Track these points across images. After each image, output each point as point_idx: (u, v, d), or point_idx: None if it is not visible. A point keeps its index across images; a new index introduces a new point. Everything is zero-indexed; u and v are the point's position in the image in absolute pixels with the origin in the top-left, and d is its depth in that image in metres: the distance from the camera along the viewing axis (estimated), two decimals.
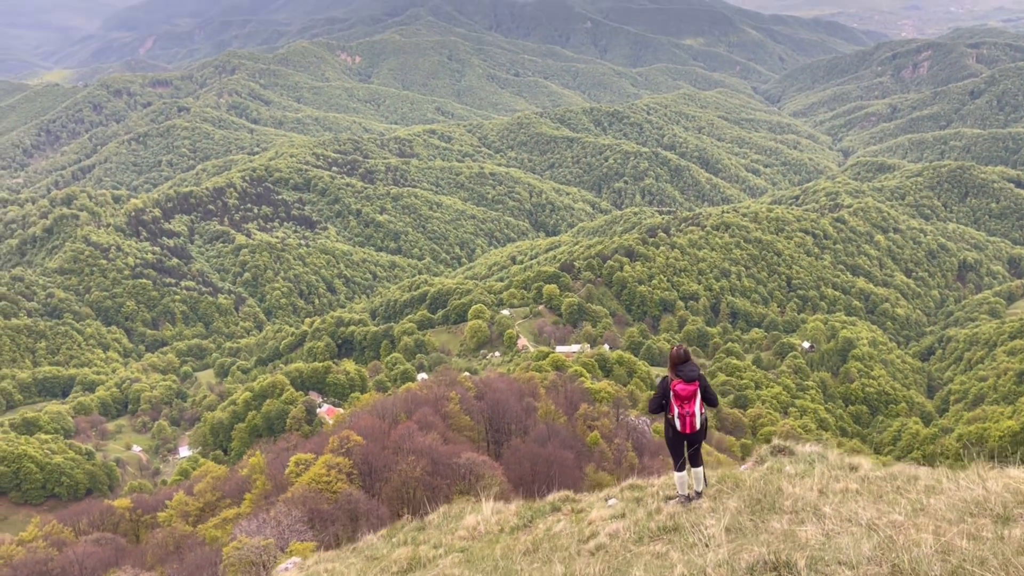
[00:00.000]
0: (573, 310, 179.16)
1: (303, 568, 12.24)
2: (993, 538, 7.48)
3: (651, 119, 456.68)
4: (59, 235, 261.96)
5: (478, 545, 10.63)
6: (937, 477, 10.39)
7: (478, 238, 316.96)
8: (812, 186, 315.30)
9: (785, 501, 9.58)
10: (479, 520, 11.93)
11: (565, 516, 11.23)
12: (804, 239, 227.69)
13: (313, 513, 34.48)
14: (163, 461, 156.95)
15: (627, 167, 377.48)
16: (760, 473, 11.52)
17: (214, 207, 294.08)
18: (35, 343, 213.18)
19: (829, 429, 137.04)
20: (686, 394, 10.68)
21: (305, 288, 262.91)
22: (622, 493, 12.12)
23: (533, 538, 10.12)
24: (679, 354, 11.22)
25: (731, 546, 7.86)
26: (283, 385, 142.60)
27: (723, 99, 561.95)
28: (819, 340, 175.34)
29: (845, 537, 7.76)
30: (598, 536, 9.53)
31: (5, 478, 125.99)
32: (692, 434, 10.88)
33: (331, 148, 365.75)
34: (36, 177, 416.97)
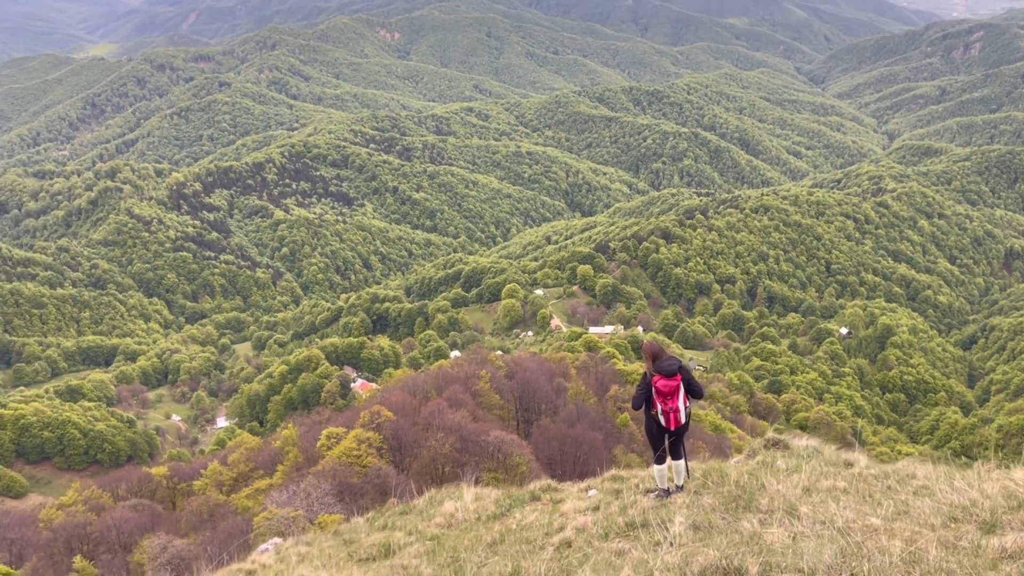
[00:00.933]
0: (607, 291, 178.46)
1: (279, 549, 11.97)
2: (970, 547, 7.19)
3: (691, 99, 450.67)
4: (103, 207, 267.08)
5: (452, 533, 10.38)
6: (935, 476, 10.05)
7: (513, 217, 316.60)
8: (855, 169, 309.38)
9: (762, 499, 9.31)
10: (457, 508, 11.63)
11: (543, 506, 10.89)
12: (845, 223, 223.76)
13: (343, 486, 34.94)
14: (201, 431, 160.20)
15: (666, 147, 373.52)
16: (749, 468, 11.15)
17: (253, 182, 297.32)
18: (80, 313, 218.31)
19: (865, 416, 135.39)
20: (668, 390, 10.21)
21: (341, 264, 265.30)
22: (602, 484, 11.74)
23: (503, 529, 9.84)
24: (653, 349, 10.69)
25: (686, 549, 7.58)
26: (318, 359, 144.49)
27: (765, 79, 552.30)
28: (857, 326, 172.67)
29: (811, 541, 7.57)
30: (565, 530, 9.26)
31: (50, 443, 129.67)
32: (678, 428, 10.46)
33: (369, 125, 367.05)
34: (82, 150, 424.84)
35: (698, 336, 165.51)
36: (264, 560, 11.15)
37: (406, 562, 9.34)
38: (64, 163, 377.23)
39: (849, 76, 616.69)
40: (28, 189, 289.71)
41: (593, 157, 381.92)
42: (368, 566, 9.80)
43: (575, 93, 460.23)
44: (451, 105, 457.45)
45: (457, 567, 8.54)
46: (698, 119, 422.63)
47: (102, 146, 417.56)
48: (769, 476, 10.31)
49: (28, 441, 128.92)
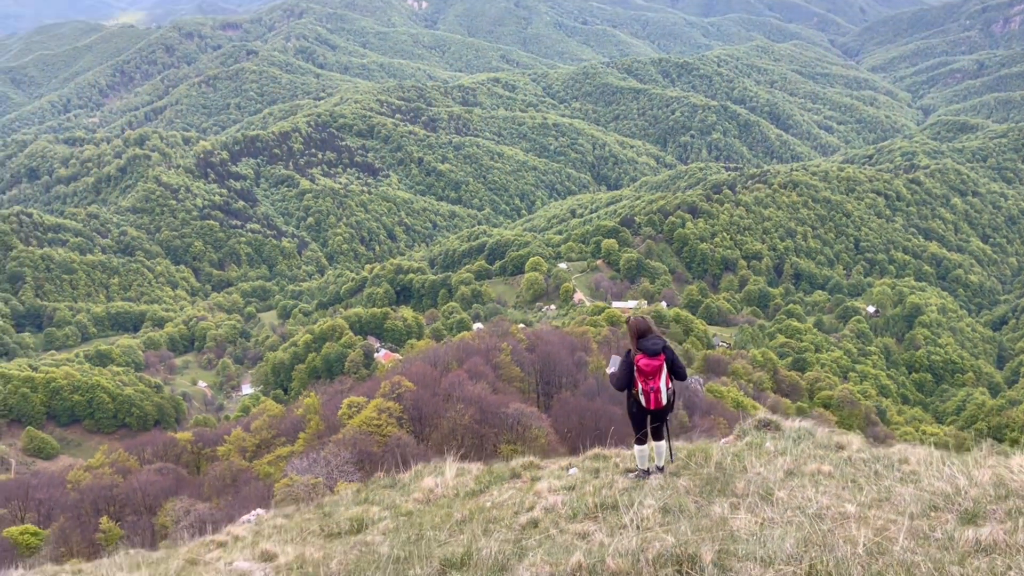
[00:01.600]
0: (631, 266, 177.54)
1: (259, 520, 11.79)
2: (942, 538, 6.95)
3: (721, 71, 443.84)
4: (132, 175, 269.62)
5: (426, 510, 10.20)
6: (928, 461, 9.71)
7: (538, 190, 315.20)
8: (888, 145, 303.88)
9: (739, 483, 9.06)
10: (437, 483, 11.36)
11: (523, 484, 10.61)
12: (876, 200, 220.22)
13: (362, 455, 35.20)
14: (227, 397, 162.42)
15: (694, 120, 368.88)
16: (735, 449, 10.83)
17: (279, 151, 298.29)
18: (108, 279, 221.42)
19: (890, 396, 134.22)
20: (650, 369, 9.78)
21: (366, 234, 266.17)
22: (583, 463, 11.43)
23: (474, 507, 9.62)
24: (639, 326, 10.13)
25: (647, 534, 7.37)
26: (342, 329, 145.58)
27: (798, 52, 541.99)
28: (885, 305, 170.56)
29: (778, 529, 7.35)
30: (534, 510, 9.09)
31: (80, 406, 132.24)
32: (659, 410, 10.06)
33: (395, 95, 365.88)
34: (111, 117, 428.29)
35: (722, 312, 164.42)
36: (239, 532, 10.89)
37: (370, 539, 9.14)
38: (94, 130, 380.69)
39: (884, 49, 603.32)
40: (59, 156, 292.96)
41: (620, 130, 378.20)
42: (335, 541, 9.59)
43: (603, 64, 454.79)
44: (478, 76, 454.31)
45: (415, 546, 8.32)
46: (728, 92, 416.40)
47: (131, 113, 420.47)
48: (753, 458, 10.13)
49: (59, 404, 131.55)
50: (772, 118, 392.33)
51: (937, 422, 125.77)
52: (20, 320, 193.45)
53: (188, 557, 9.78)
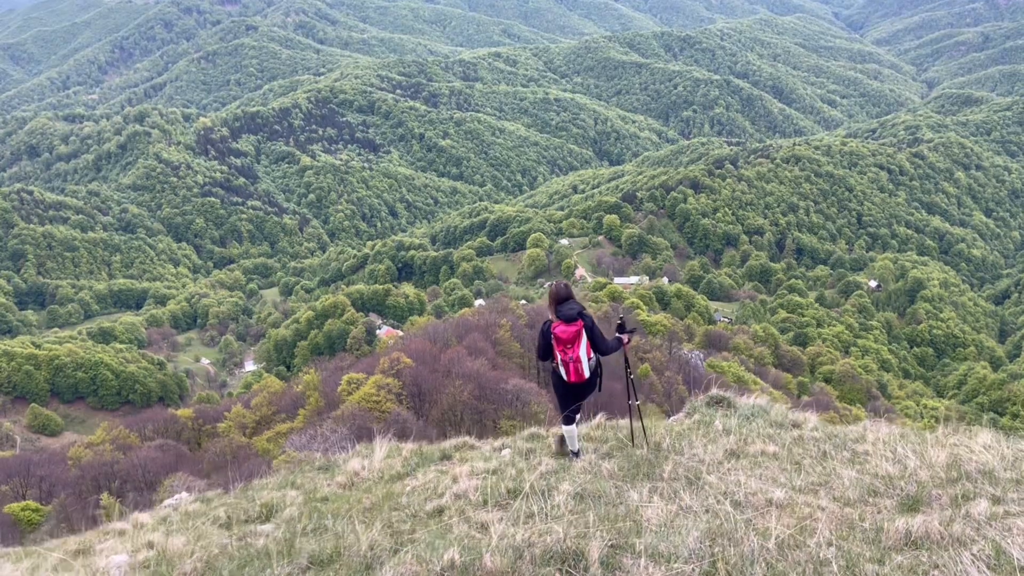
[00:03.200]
0: (633, 241, 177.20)
1: (179, 504, 11.15)
2: (870, 530, 6.43)
3: (724, 45, 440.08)
4: (132, 152, 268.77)
5: (344, 495, 9.50)
6: (885, 440, 9.16)
7: (540, 165, 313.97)
8: (891, 119, 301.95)
9: (668, 466, 8.54)
10: (363, 466, 10.64)
11: (452, 466, 9.97)
12: (878, 174, 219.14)
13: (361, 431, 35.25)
14: (230, 374, 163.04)
15: (697, 95, 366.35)
16: (682, 427, 10.25)
17: (280, 127, 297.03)
18: (110, 256, 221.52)
19: (891, 370, 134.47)
20: (567, 336, 9.07)
21: (368, 211, 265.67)
22: (515, 444, 10.80)
23: (386, 493, 9.06)
24: (558, 291, 9.42)
25: (543, 526, 6.85)
26: (344, 306, 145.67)
27: (801, 25, 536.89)
28: (887, 279, 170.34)
29: (688, 519, 6.89)
30: (444, 496, 8.51)
31: (83, 383, 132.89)
32: (579, 384, 9.26)
33: (395, 70, 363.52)
34: (111, 94, 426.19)
35: (724, 287, 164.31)
36: (145, 518, 10.24)
37: (262, 528, 8.57)
38: (94, 107, 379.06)
39: (889, 21, 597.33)
40: (58, 133, 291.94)
41: (622, 104, 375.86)
42: (231, 529, 8.92)
43: (605, 39, 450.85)
44: (478, 50, 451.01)
45: (292, 539, 7.63)
46: (731, 66, 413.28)
47: (131, 90, 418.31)
48: (695, 438, 9.59)
49: (62, 381, 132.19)
50: (775, 92, 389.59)
51: (938, 396, 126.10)
52: (23, 298, 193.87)
53: (78, 547, 9.07)
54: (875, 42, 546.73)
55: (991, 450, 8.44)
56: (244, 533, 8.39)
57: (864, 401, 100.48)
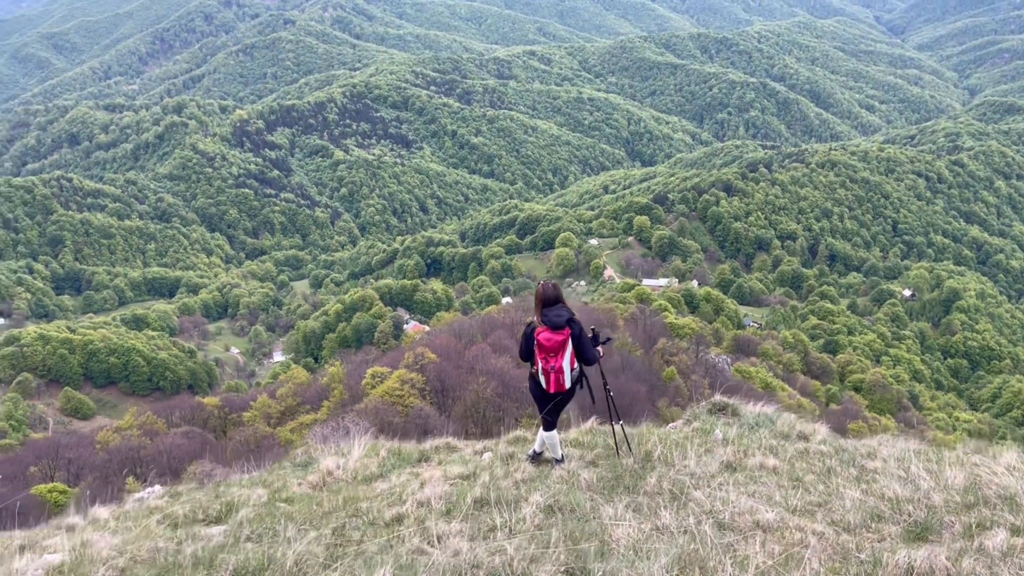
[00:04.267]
0: (663, 243, 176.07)
1: (153, 495, 10.69)
2: (867, 561, 5.73)
3: (762, 48, 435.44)
4: (169, 142, 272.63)
5: (312, 496, 8.95)
6: (899, 457, 8.46)
7: (572, 165, 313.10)
8: (931, 125, 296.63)
9: (652, 478, 7.94)
10: (338, 465, 10.04)
11: (428, 469, 9.44)
12: (916, 182, 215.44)
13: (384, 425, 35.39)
14: (258, 364, 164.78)
15: (732, 97, 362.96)
16: (680, 436, 9.60)
17: (315, 121, 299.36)
18: (145, 244, 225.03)
19: (923, 381, 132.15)
20: (551, 345, 8.45)
21: (398, 206, 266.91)
22: (497, 447, 10.21)
23: (349, 496, 8.50)
24: (546, 294, 8.76)
25: (495, 544, 6.36)
26: (373, 300, 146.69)
27: (841, 29, 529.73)
28: (922, 289, 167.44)
29: (662, 542, 6.32)
30: (407, 503, 7.95)
31: (116, 369, 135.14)
32: (560, 393, 8.70)
33: (430, 67, 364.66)
34: (150, 84, 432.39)
35: (755, 292, 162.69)
36: (103, 513, 9.69)
37: (210, 530, 7.98)
38: (133, 97, 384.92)
39: (931, 27, 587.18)
40: (99, 122, 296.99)
41: (656, 105, 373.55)
42: (178, 530, 8.32)
43: (641, 39, 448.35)
44: (513, 48, 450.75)
45: (225, 547, 7.10)
46: (767, 69, 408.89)
47: (170, 81, 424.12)
48: (691, 448, 8.97)
49: (95, 366, 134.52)
50: (812, 96, 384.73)
51: (972, 409, 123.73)
52: (60, 283, 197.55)
53: (24, 542, 8.55)
54: (917, 47, 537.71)
55: (1015, 472, 7.74)
56: (189, 535, 7.94)
57: (894, 412, 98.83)
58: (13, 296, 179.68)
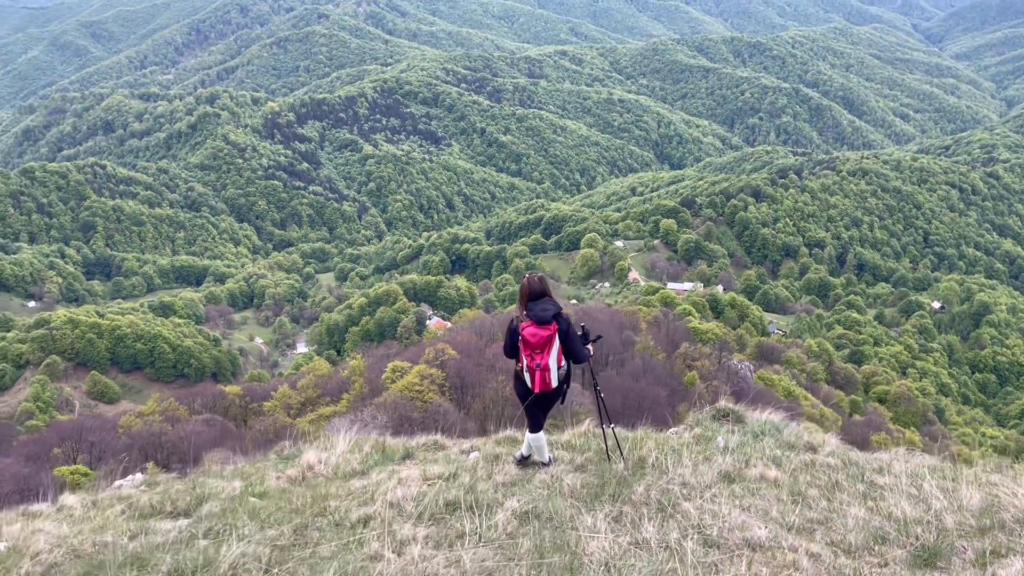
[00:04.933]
0: (689, 247, 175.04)
1: (132, 483, 10.36)
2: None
3: (795, 53, 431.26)
4: (202, 132, 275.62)
5: (289, 490, 8.59)
6: (912, 473, 7.90)
7: (600, 166, 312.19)
8: (966, 136, 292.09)
9: (639, 486, 7.49)
10: (320, 459, 9.61)
11: (411, 467, 9.03)
12: (949, 193, 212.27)
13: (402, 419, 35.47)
14: (282, 355, 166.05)
15: (764, 102, 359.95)
16: (680, 442, 9.08)
17: (345, 115, 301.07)
18: (175, 233, 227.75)
19: (950, 395, 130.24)
20: (537, 341, 7.97)
21: (425, 202, 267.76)
22: (484, 447, 9.80)
23: (321, 494, 8.09)
24: (532, 287, 8.28)
25: (453, 553, 6.12)
26: (397, 294, 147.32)
27: (877, 36, 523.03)
28: (951, 301, 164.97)
29: (640, 558, 5.95)
30: (377, 503, 7.55)
31: (142, 355, 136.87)
32: (546, 393, 8.20)
33: (461, 64, 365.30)
34: (185, 74, 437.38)
35: (780, 299, 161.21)
36: (71, 501, 9.31)
37: (169, 524, 7.65)
38: (168, 87, 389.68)
39: (970, 36, 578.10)
40: (133, 110, 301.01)
41: (687, 108, 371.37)
42: (138, 522, 7.96)
43: (674, 41, 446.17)
44: (545, 48, 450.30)
45: (183, 542, 6.85)
46: (801, 75, 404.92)
47: (204, 72, 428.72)
48: (688, 455, 8.47)
49: (122, 351, 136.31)
50: (845, 103, 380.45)
51: (998, 425, 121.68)
52: (91, 268, 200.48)
53: None
54: (954, 56, 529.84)
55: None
56: (144, 529, 7.66)
57: (919, 425, 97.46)
58: (45, 280, 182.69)
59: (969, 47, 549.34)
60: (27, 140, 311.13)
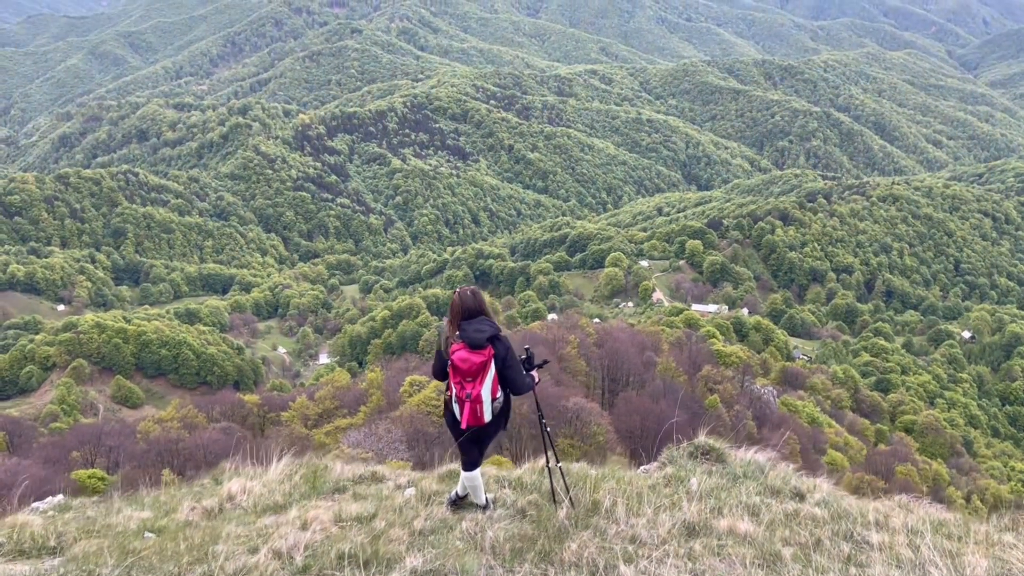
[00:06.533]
0: (715, 269, 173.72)
1: (45, 507, 9.08)
2: None
3: (827, 77, 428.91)
4: (233, 142, 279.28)
5: (197, 525, 7.59)
6: (913, 528, 6.84)
7: (627, 185, 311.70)
8: (1000, 164, 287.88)
9: (574, 542, 6.41)
10: (245, 488, 8.51)
11: (340, 501, 7.96)
12: (982, 221, 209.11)
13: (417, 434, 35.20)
14: (304, 365, 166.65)
15: (794, 126, 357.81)
16: (649, 482, 8.03)
17: (375, 129, 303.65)
18: (203, 241, 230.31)
19: (979, 427, 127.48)
20: (468, 368, 6.74)
21: (451, 217, 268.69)
22: (421, 483, 8.55)
23: (215, 534, 7.02)
24: (464, 302, 7.05)
25: None
26: (420, 308, 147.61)
27: (911, 62, 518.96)
28: (982, 331, 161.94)
29: None
30: (259, 552, 6.44)
31: (166, 360, 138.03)
32: (478, 428, 6.99)
33: (491, 81, 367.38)
34: (219, 86, 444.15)
35: (806, 324, 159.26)
36: None
37: (28, 568, 6.62)
38: (202, 97, 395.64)
39: (1006, 64, 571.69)
40: (167, 119, 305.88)
41: (716, 130, 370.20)
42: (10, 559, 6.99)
43: (704, 63, 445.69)
44: (575, 67, 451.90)
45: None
46: (832, 99, 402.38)
47: (237, 83, 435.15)
48: (653, 500, 7.38)
49: (147, 356, 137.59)
50: (877, 128, 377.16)
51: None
52: (119, 274, 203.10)
53: None
54: (989, 84, 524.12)
55: None
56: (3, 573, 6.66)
57: (947, 457, 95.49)
58: (75, 284, 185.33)
59: (1004, 75, 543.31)
60: (63, 146, 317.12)
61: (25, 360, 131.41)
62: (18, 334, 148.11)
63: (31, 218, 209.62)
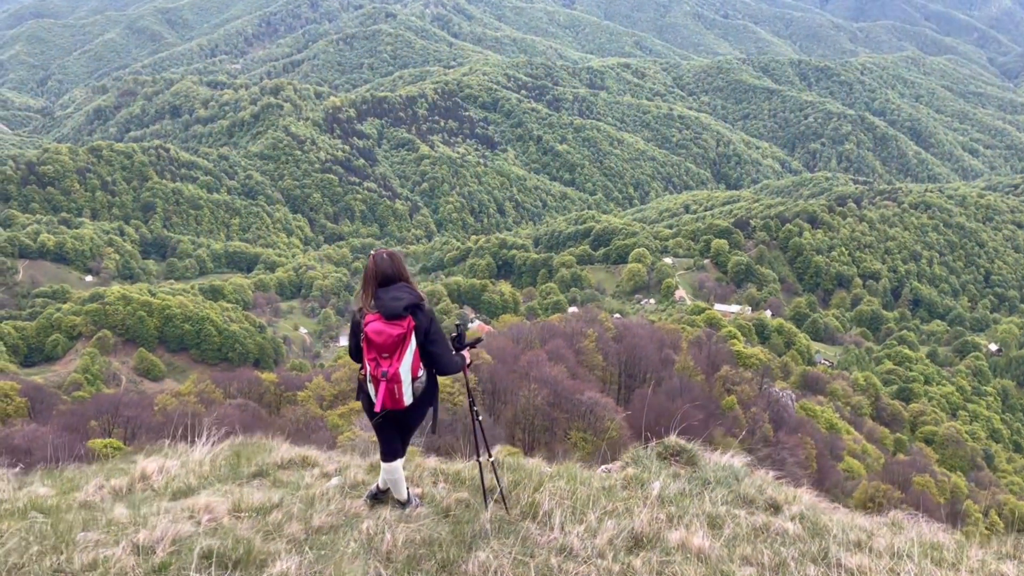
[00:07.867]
0: (740, 269, 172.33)
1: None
2: None
3: (864, 80, 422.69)
4: (264, 122, 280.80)
5: (81, 510, 6.68)
6: (899, 550, 5.85)
7: (654, 181, 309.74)
8: None
9: (484, 550, 5.56)
10: (162, 468, 7.77)
11: (258, 486, 7.27)
12: (1015, 233, 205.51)
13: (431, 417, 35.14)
14: (324, 346, 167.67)
15: (827, 128, 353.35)
16: (605, 483, 7.24)
17: (404, 115, 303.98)
18: (230, 219, 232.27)
19: (1001, 441, 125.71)
20: (382, 341, 5.82)
21: (477, 206, 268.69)
22: (348, 472, 7.60)
23: (88, 518, 6.23)
24: (379, 266, 6.13)
25: None
26: (441, 295, 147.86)
27: (951, 68, 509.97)
28: (1010, 344, 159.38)
29: None
30: (120, 544, 5.58)
31: (189, 336, 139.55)
32: (396, 412, 6.10)
33: (523, 71, 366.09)
34: (252, 65, 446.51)
35: (829, 329, 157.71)
36: None
37: None
38: (235, 76, 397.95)
39: None
40: (200, 97, 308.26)
41: (748, 129, 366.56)
42: None
43: (739, 60, 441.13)
44: (608, 59, 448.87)
45: None
46: (868, 102, 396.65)
47: (271, 63, 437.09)
48: (601, 503, 6.54)
49: (170, 331, 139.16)
50: (912, 134, 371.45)
51: None
52: (147, 248, 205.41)
53: None
54: None
55: None
56: None
57: (966, 469, 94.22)
58: (103, 256, 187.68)
59: None
60: (98, 119, 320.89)
61: (51, 328, 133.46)
62: (46, 302, 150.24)
63: (63, 189, 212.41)
